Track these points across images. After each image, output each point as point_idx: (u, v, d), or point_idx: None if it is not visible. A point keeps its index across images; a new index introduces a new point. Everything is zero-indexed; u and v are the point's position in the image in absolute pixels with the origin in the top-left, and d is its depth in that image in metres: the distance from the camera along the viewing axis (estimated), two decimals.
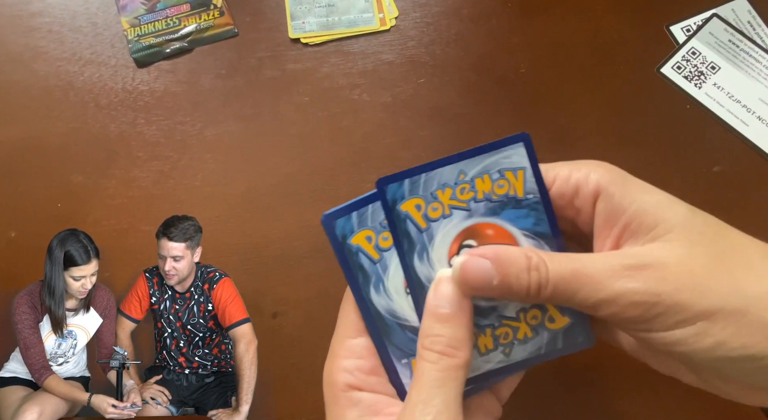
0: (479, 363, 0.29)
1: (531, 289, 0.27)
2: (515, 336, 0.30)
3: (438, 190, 0.29)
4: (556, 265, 0.27)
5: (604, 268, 0.27)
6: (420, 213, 0.29)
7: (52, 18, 0.66)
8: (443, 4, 0.67)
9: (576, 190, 0.29)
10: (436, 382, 0.26)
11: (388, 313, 0.29)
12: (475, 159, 0.29)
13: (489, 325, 0.29)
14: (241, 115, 0.62)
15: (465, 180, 0.29)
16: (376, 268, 0.29)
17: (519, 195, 0.30)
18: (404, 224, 0.29)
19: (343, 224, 0.29)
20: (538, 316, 0.30)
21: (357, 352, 0.29)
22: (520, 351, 0.30)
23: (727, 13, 0.65)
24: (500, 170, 0.29)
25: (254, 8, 0.67)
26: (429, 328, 0.27)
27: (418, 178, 0.29)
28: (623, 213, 0.28)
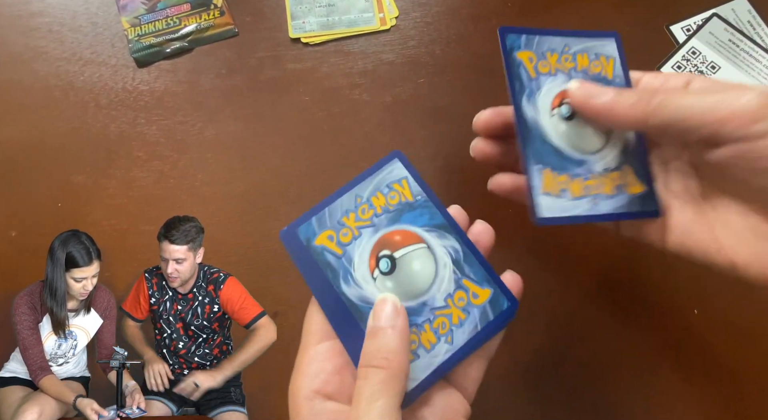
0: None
1: (641, 100, 0.30)
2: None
3: (548, 52, 0.34)
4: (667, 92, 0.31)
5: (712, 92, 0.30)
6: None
7: (52, 18, 0.66)
8: (443, 4, 0.67)
9: (665, 80, 0.34)
10: (370, 396, 0.27)
11: (360, 301, 0.31)
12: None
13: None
14: (241, 115, 0.62)
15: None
16: (342, 262, 0.32)
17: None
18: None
19: (306, 229, 0.32)
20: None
21: (321, 355, 0.30)
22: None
23: (727, 13, 0.65)
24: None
25: (254, 8, 0.67)
26: (367, 348, 0.29)
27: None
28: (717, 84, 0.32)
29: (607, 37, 0.35)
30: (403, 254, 0.32)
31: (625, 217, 0.34)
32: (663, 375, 0.53)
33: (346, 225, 0.32)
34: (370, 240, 0.32)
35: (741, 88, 0.29)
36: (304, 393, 0.29)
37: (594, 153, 0.34)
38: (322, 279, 0.31)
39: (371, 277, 0.31)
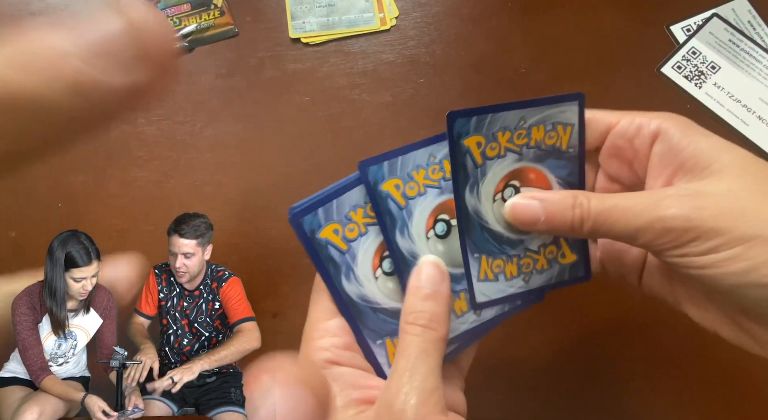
0: (504, 287, 0.33)
1: (574, 223, 0.30)
2: (534, 266, 0.34)
3: (499, 131, 0.32)
4: (597, 201, 0.30)
5: (644, 200, 0.29)
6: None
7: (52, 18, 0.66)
8: (443, 4, 0.67)
9: (638, 130, 0.32)
10: (421, 352, 0.28)
11: (359, 299, 0.31)
12: (537, 108, 0.32)
13: (515, 255, 0.33)
14: (242, 114, 0.62)
15: (524, 126, 0.32)
16: (345, 259, 0.31)
17: (563, 147, 0.33)
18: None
19: (311, 220, 0.31)
20: (554, 252, 0.34)
21: (331, 331, 0.30)
22: (536, 279, 0.34)
23: (728, 13, 0.65)
24: (554, 123, 0.33)
25: (254, 8, 0.67)
26: (412, 305, 0.30)
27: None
28: (680, 153, 0.30)
29: (569, 101, 0.33)
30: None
31: (556, 287, 0.35)
32: (663, 375, 0.53)
33: (353, 220, 0.32)
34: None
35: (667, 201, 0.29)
36: (318, 364, 0.30)
37: (530, 233, 0.34)
38: (324, 271, 0.31)
39: (373, 276, 0.32)
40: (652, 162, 0.32)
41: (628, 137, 0.33)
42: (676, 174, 0.31)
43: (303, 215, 0.31)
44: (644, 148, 0.32)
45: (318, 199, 0.31)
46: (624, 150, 0.33)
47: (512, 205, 0.32)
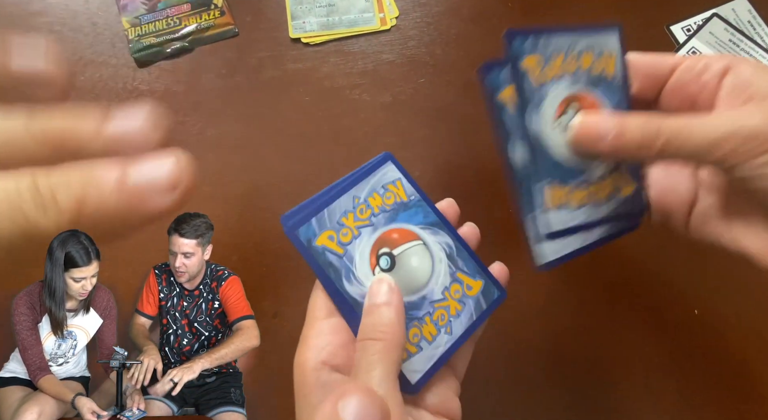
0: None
1: (645, 138, 0.30)
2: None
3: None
4: (671, 119, 0.30)
5: (722, 114, 0.29)
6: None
7: (52, 18, 0.66)
8: (443, 4, 0.67)
9: (706, 66, 0.32)
10: (369, 366, 0.28)
11: (362, 298, 0.32)
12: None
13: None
14: (242, 114, 0.62)
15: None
16: (344, 262, 0.32)
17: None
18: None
19: (306, 230, 0.32)
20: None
21: (328, 329, 0.31)
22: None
23: (728, 13, 0.65)
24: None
25: (255, 8, 0.67)
26: (362, 325, 0.30)
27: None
28: (752, 85, 0.30)
29: (610, 30, 0.34)
30: (402, 251, 0.33)
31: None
32: (663, 375, 0.53)
33: (345, 225, 0.32)
34: (369, 239, 0.33)
35: (751, 111, 0.29)
36: (311, 364, 0.30)
37: (593, 160, 0.34)
38: (324, 276, 0.32)
39: (373, 275, 0.32)
40: (721, 94, 0.32)
41: (696, 72, 0.33)
42: (749, 102, 0.31)
43: (297, 227, 0.31)
44: (713, 81, 0.32)
45: (309, 209, 0.32)
46: (690, 85, 0.33)
47: (583, 118, 0.32)
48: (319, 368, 0.30)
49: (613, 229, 0.36)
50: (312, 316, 0.32)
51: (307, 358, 0.30)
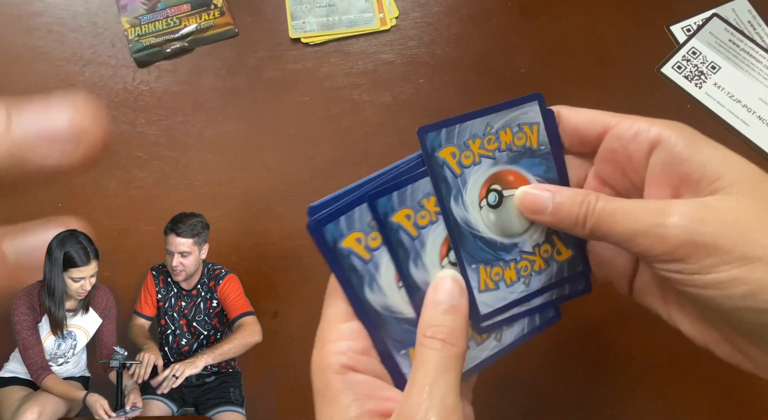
0: (505, 294, 0.33)
1: (579, 218, 0.30)
2: (533, 268, 0.34)
3: (469, 139, 0.32)
4: (604, 201, 0.30)
5: (648, 206, 0.28)
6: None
7: (52, 18, 0.66)
8: (443, 4, 0.67)
9: (635, 135, 0.31)
10: (441, 368, 0.27)
11: (383, 309, 0.30)
12: (501, 113, 0.33)
13: (512, 259, 0.33)
14: (242, 115, 0.62)
15: (491, 131, 0.33)
16: (369, 268, 0.30)
17: (533, 146, 0.34)
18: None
19: (333, 229, 0.29)
20: (549, 250, 0.34)
21: (348, 334, 0.29)
22: (537, 280, 0.34)
23: (728, 13, 0.65)
24: (519, 124, 0.33)
25: (254, 8, 0.67)
26: (431, 319, 0.29)
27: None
28: (683, 163, 0.29)
29: (529, 102, 0.34)
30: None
31: (559, 299, 0.35)
32: (664, 375, 0.53)
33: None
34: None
35: (670, 211, 0.28)
36: (334, 368, 0.29)
37: (524, 233, 0.34)
38: (346, 281, 0.30)
39: (397, 286, 0.31)
40: (652, 171, 0.31)
41: (624, 141, 0.32)
42: (681, 186, 0.30)
43: (325, 223, 0.29)
44: (639, 155, 0.31)
45: (339, 206, 0.30)
46: (618, 154, 0.32)
47: (524, 193, 0.32)
48: (343, 372, 0.28)
49: (559, 295, 0.35)
50: (330, 319, 0.30)
51: (329, 363, 0.29)
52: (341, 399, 0.28)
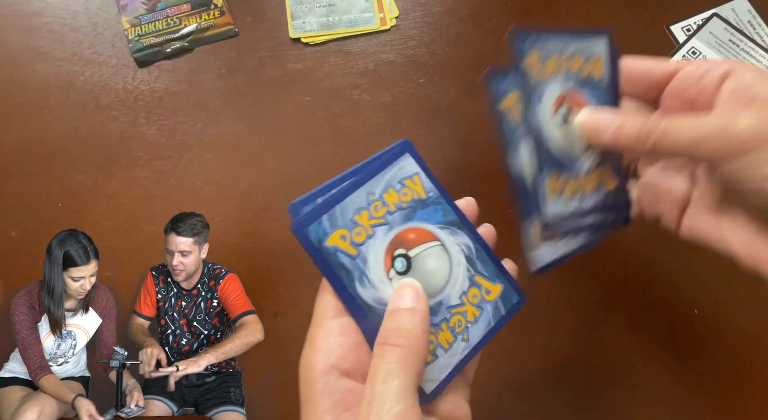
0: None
1: (642, 133, 0.31)
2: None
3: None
4: (667, 119, 0.31)
5: (713, 116, 0.30)
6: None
7: (52, 18, 0.66)
8: (444, 4, 0.67)
9: (707, 71, 0.33)
10: (385, 375, 0.27)
11: (375, 302, 0.30)
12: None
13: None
14: (242, 114, 0.62)
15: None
16: (357, 263, 0.30)
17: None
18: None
19: (316, 229, 0.29)
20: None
21: (338, 330, 0.29)
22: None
23: (728, 13, 0.65)
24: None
25: (255, 8, 0.67)
26: (384, 328, 0.29)
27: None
28: (751, 88, 0.31)
29: (600, 34, 0.35)
30: (418, 253, 0.31)
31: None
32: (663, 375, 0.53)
33: (359, 224, 0.30)
34: (384, 239, 0.31)
35: (739, 113, 0.30)
36: (319, 367, 0.28)
37: (582, 154, 0.35)
38: (336, 279, 0.30)
39: (387, 278, 0.30)
40: (721, 97, 0.33)
41: (695, 77, 0.34)
42: (749, 106, 0.31)
43: (307, 225, 0.29)
44: (713, 85, 0.33)
45: (320, 205, 0.30)
46: (689, 89, 0.34)
47: (589, 113, 0.34)
48: (328, 373, 0.28)
49: (603, 223, 0.37)
50: (320, 316, 0.30)
51: (315, 362, 0.29)
52: (320, 403, 0.28)
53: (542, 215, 0.33)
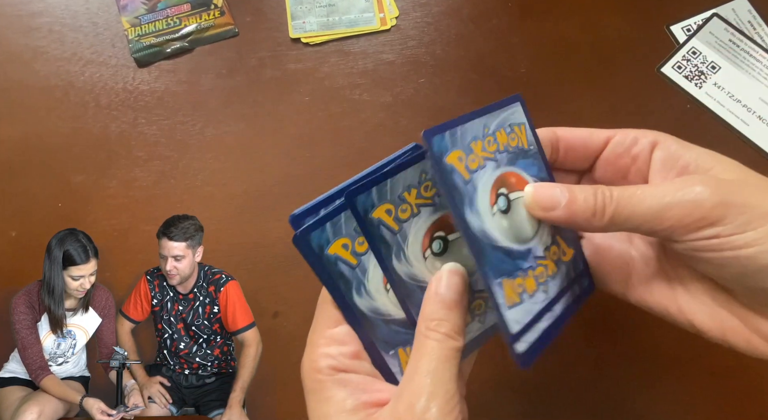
0: (530, 306, 0.31)
1: (597, 207, 0.30)
2: (547, 273, 0.32)
3: (471, 142, 0.31)
4: (619, 189, 0.30)
5: (666, 185, 0.30)
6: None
7: (52, 18, 0.66)
8: (444, 4, 0.67)
9: (635, 140, 0.34)
10: (443, 358, 0.28)
11: (371, 312, 0.30)
12: (493, 114, 0.32)
13: (530, 267, 0.31)
14: (242, 115, 0.62)
15: (489, 133, 0.32)
16: (356, 273, 0.30)
17: (525, 146, 0.33)
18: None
19: (319, 236, 0.29)
20: (557, 251, 0.33)
21: (338, 339, 0.30)
22: (553, 286, 0.33)
23: (728, 13, 0.65)
24: (511, 124, 0.33)
25: (255, 8, 0.67)
26: (434, 312, 0.29)
27: (455, 131, 0.30)
28: (680, 158, 0.32)
29: (512, 103, 0.33)
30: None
31: (576, 303, 0.34)
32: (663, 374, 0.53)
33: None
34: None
35: (692, 181, 0.29)
36: (325, 371, 0.29)
37: (534, 235, 0.33)
38: (334, 287, 0.30)
39: (384, 289, 0.31)
40: (653, 167, 0.33)
41: (626, 146, 0.34)
42: (684, 173, 0.31)
43: (311, 231, 0.29)
44: (644, 154, 0.33)
45: (325, 214, 0.29)
46: (621, 158, 0.34)
47: (535, 189, 0.31)
48: (334, 373, 0.29)
49: (573, 298, 0.35)
50: (321, 324, 0.31)
51: (320, 367, 0.29)
52: (336, 394, 0.28)
53: (509, 339, 0.30)
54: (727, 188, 0.28)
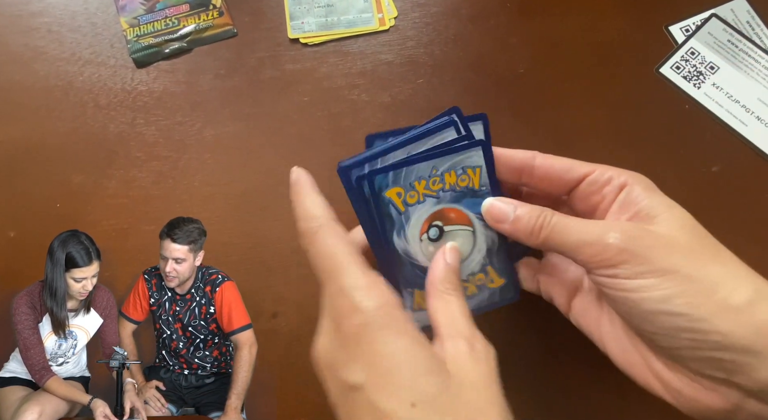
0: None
1: (535, 228, 0.35)
2: (466, 293, 0.38)
3: (415, 181, 0.36)
4: (559, 216, 0.35)
5: (596, 224, 0.35)
6: (400, 199, 0.36)
7: (51, 18, 0.66)
8: (442, 4, 0.67)
9: (609, 180, 0.37)
10: (462, 306, 0.34)
11: (404, 253, 0.37)
12: (445, 157, 0.37)
13: None
14: (241, 115, 0.62)
15: (436, 174, 0.37)
16: (401, 218, 0.36)
17: (475, 187, 0.38)
18: (387, 208, 0.36)
19: (381, 180, 0.35)
20: (482, 279, 0.40)
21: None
22: (468, 304, 0.36)
23: (726, 13, 0.65)
24: (463, 167, 0.37)
25: (253, 8, 0.67)
26: (448, 276, 0.35)
27: (400, 172, 0.36)
28: (638, 204, 0.36)
29: (473, 147, 0.37)
30: (451, 230, 0.38)
31: (491, 307, 0.40)
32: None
33: (415, 189, 0.36)
34: (430, 209, 0.37)
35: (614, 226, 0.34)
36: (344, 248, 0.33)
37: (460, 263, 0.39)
38: (381, 223, 0.36)
39: (419, 239, 0.37)
40: (612, 208, 0.37)
41: (600, 184, 0.38)
42: (632, 218, 0.36)
43: (376, 174, 0.35)
44: (611, 195, 0.37)
45: (391, 163, 0.36)
46: (593, 196, 0.38)
47: (490, 204, 0.37)
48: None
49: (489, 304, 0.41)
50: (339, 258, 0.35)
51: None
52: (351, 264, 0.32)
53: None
54: (639, 240, 0.33)
